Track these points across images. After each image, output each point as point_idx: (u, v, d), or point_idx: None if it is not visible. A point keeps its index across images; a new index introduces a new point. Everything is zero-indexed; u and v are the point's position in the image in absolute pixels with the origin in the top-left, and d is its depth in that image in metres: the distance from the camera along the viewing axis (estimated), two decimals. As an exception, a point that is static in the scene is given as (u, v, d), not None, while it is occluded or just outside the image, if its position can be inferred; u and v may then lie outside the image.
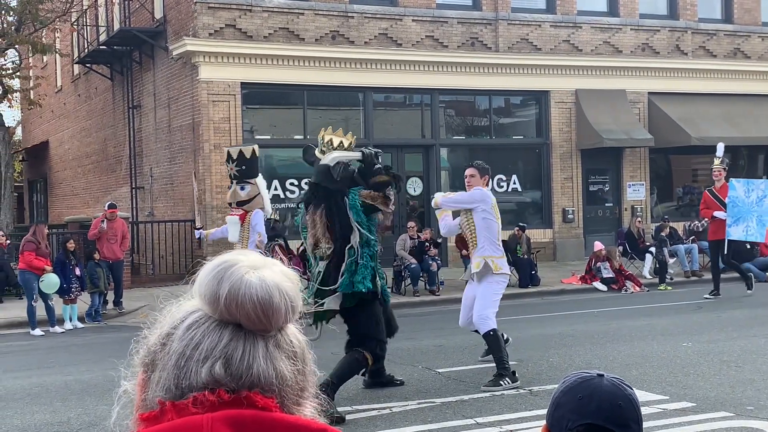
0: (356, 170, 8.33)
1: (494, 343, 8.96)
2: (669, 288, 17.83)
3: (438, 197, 9.50)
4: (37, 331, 14.19)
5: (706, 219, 16.64)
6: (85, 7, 26.39)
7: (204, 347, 1.33)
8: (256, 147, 12.50)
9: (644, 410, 1.80)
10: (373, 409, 7.94)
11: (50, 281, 14.17)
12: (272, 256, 11.03)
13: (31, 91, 29.97)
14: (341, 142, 8.32)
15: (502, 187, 22.49)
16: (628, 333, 11.96)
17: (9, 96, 28.11)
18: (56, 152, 33.75)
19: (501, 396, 8.31)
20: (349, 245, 8.11)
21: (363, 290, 8.15)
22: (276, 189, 20.21)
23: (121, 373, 1.44)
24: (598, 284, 18.00)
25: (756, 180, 16.55)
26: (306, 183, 20.35)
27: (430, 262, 17.17)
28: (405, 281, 17.45)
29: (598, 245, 18.73)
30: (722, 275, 19.23)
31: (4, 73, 26.37)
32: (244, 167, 12.00)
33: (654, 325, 12.72)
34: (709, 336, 11.53)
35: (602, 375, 1.81)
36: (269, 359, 1.34)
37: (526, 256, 18.46)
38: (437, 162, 21.75)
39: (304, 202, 8.47)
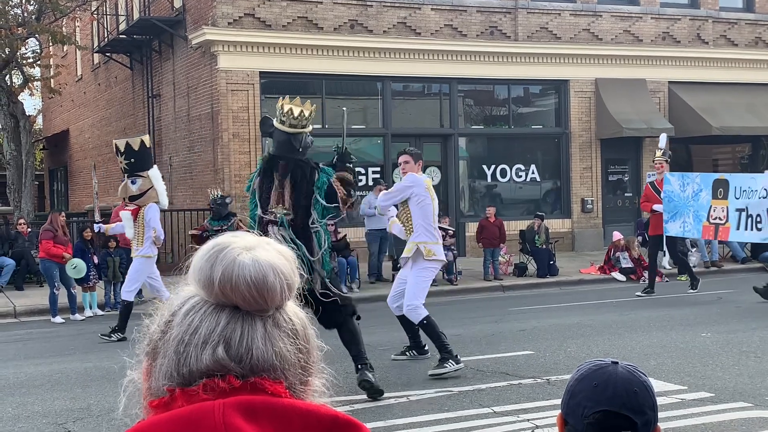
0: (312, 142, 8.33)
1: (430, 330, 8.98)
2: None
3: (379, 202, 9.58)
4: (58, 319, 14.31)
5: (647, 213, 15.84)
6: (104, -4, 26.49)
7: (202, 332, 1.32)
8: (145, 138, 11.89)
9: (662, 400, 1.80)
10: (391, 398, 7.96)
11: (80, 266, 14.25)
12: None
13: (52, 80, 30.11)
14: (302, 111, 8.06)
15: (521, 176, 22.44)
16: (647, 323, 11.92)
17: (30, 84, 28.25)
18: (76, 141, 33.92)
19: (519, 385, 8.31)
20: (311, 219, 8.08)
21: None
22: (294, 178, 20.21)
23: (125, 363, 1.45)
24: (616, 274, 17.94)
25: (691, 173, 15.86)
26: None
27: (446, 252, 17.08)
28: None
29: (617, 235, 18.67)
30: (741, 266, 19.20)
31: (24, 62, 26.50)
32: (133, 160, 11.43)
33: (672, 315, 12.67)
34: (728, 326, 11.48)
35: (616, 362, 1.81)
36: (268, 339, 1.34)
37: (544, 246, 18.42)
38: (455, 151, 21.71)
39: (258, 170, 8.30)
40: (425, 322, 8.96)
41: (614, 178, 23.47)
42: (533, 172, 22.63)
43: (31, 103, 38.56)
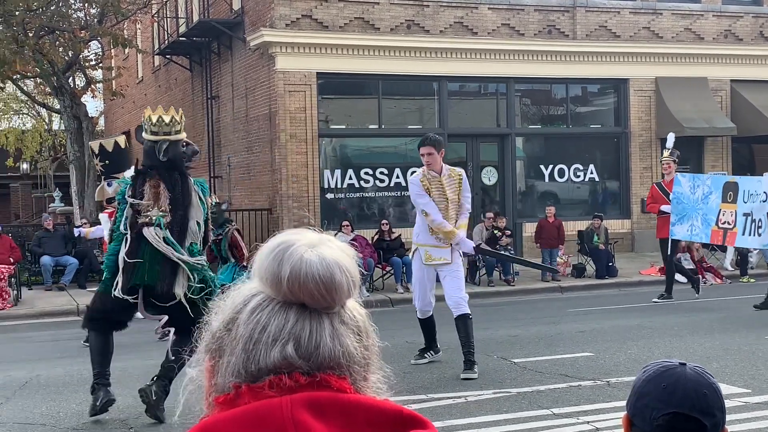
0: (186, 153, 7.89)
1: (469, 327, 8.94)
2: (752, 280, 17.41)
3: (467, 203, 9.25)
4: (120, 317, 14.50)
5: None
6: None
7: (271, 330, 1.33)
8: (120, 139, 11.60)
9: (726, 403, 1.78)
10: (449, 398, 7.95)
11: None
12: (230, 242, 10.58)
13: (113, 82, 30.61)
14: (160, 117, 7.79)
15: (579, 176, 22.23)
16: (709, 325, 11.73)
17: (92, 86, 28.75)
18: (137, 142, 34.43)
19: (578, 387, 8.23)
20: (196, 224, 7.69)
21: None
22: (351, 178, 20.31)
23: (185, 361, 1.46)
24: (677, 276, 17.64)
25: (702, 175, 15.30)
26: (381, 172, 20.34)
27: (503, 252, 17.02)
28: (480, 271, 17.38)
29: (678, 236, 18.36)
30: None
31: (87, 64, 26.98)
32: (108, 162, 11.26)
33: (735, 317, 12.44)
34: (794, 329, 11.23)
35: (684, 364, 1.79)
36: (336, 336, 1.35)
37: (603, 247, 18.22)
38: (512, 151, 21.58)
39: (132, 178, 7.99)
40: (471, 317, 9.00)
41: (675, 178, 23.10)
42: (592, 172, 22.41)
43: (93, 104, 39.22)
